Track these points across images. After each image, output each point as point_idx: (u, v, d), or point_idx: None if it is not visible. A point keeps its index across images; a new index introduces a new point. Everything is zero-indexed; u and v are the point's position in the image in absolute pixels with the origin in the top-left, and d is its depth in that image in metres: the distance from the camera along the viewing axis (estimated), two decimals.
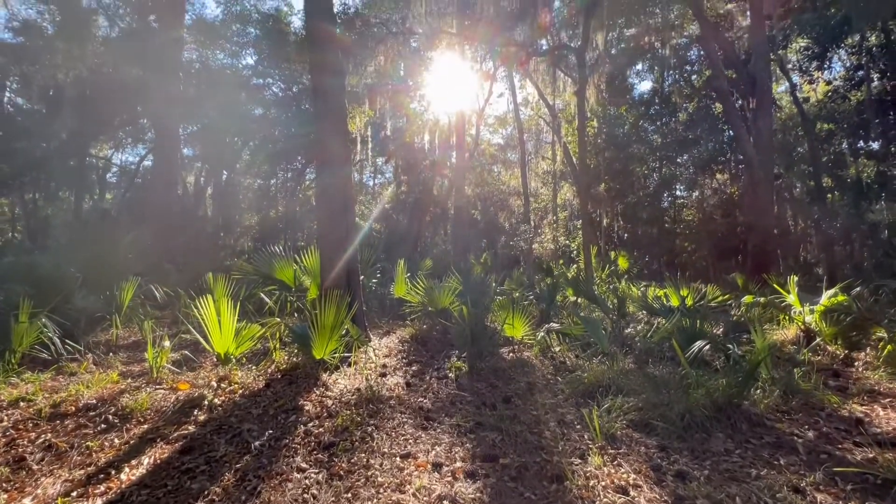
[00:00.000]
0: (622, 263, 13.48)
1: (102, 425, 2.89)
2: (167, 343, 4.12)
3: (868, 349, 4.92)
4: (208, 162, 21.96)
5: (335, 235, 5.40)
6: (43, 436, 2.73)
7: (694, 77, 18.32)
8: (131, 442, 2.70)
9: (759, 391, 3.38)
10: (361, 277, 6.23)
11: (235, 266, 8.23)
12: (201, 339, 3.92)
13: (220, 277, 6.03)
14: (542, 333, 5.22)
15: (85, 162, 18.70)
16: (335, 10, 6.64)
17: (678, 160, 18.54)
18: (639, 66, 19.57)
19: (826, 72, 14.75)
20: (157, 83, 13.46)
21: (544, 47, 16.10)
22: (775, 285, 6.94)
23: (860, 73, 13.70)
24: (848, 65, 14.62)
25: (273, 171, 23.79)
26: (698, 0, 12.59)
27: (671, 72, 18.63)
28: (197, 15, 18.48)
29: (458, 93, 16.33)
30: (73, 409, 3.08)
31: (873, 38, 13.15)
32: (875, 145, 14.01)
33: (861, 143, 14.45)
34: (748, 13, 13.46)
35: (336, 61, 5.89)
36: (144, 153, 22.30)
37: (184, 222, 16.08)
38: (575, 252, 18.51)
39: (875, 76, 13.33)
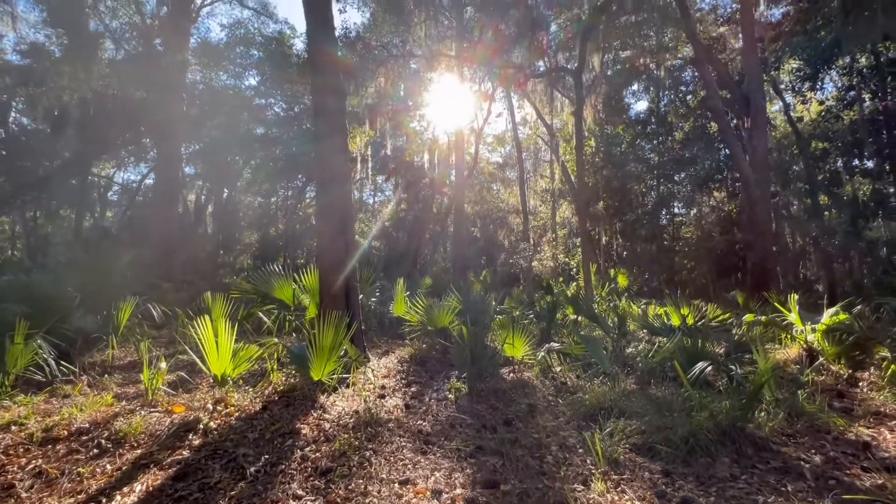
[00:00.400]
0: (622, 281, 13.44)
1: (95, 450, 2.83)
2: (163, 364, 4.08)
3: (872, 369, 4.87)
4: (209, 180, 22.14)
5: (334, 253, 5.40)
6: (33, 462, 2.67)
7: (689, 97, 18.64)
8: (124, 468, 2.63)
9: (763, 413, 3.33)
10: (360, 296, 6.20)
11: (234, 284, 8.21)
12: (198, 361, 3.87)
13: (219, 296, 6.00)
14: (543, 353, 5.17)
15: (87, 180, 18.83)
16: (337, 33, 6.79)
17: (675, 178, 18.71)
18: (635, 87, 19.97)
19: (818, 92, 15.01)
20: (161, 104, 13.68)
21: (542, 69, 16.44)
22: (776, 304, 6.91)
23: (852, 93, 13.95)
24: (840, 85, 14.89)
25: (274, 189, 23.97)
26: (691, 23, 12.90)
27: (666, 92, 18.98)
28: (202, 38, 18.91)
29: (458, 112, 16.60)
30: (66, 433, 3.02)
31: (863, 59, 13.44)
32: (870, 163, 14.17)
33: (856, 162, 14.61)
34: (740, 36, 13.80)
35: (337, 83, 5.99)
36: (146, 172, 22.50)
37: (184, 240, 16.11)
38: (574, 270, 18.51)
39: (866, 96, 13.58)
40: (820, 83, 14.62)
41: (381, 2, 12.88)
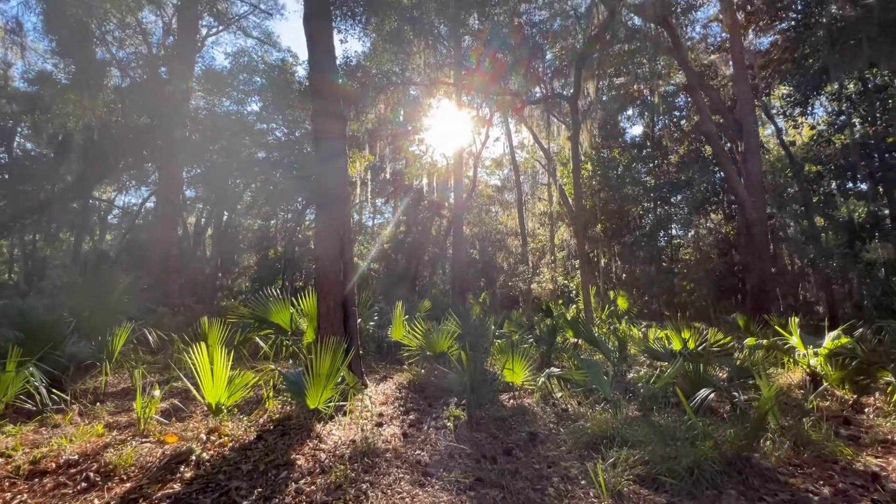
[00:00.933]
0: (621, 303, 13.39)
1: (83, 484, 2.74)
2: (157, 392, 4.00)
3: (877, 393, 4.81)
4: (210, 203, 22.27)
5: (332, 277, 5.38)
6: (19, 496, 2.59)
7: (683, 122, 18.99)
8: (112, 503, 2.55)
9: (769, 442, 3.26)
10: (359, 320, 6.16)
11: (232, 308, 8.15)
12: (192, 389, 3.81)
13: (216, 321, 5.95)
14: (543, 378, 5.10)
15: (88, 204, 18.93)
16: (337, 62, 6.97)
17: (672, 200, 18.86)
18: (629, 112, 20.31)
19: (809, 117, 15.29)
20: (164, 129, 13.90)
21: (538, 95, 16.81)
22: (777, 326, 6.87)
23: (842, 118, 14.22)
24: (830, 110, 15.18)
25: (273, 212, 24.09)
26: (683, 52, 13.28)
27: (661, 117, 19.34)
28: (206, 66, 19.35)
29: (456, 137, 16.90)
30: (54, 465, 2.94)
31: (851, 86, 13.76)
32: (863, 186, 14.32)
33: (850, 184, 14.77)
34: (731, 63, 14.19)
35: (337, 109, 6.11)
36: (147, 195, 22.66)
37: (182, 264, 16.08)
38: (574, 292, 18.44)
39: (857, 121, 13.83)
40: (810, 108, 14.93)
41: (381, 32, 13.25)
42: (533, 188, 30.23)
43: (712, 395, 3.95)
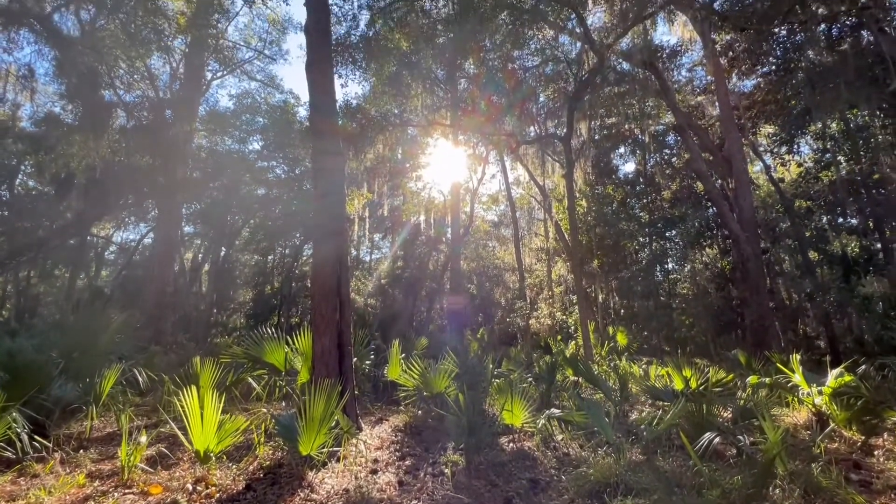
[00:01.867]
0: (621, 339, 13.26)
1: None
2: (143, 438, 3.86)
3: (885, 434, 4.69)
4: (208, 239, 22.33)
5: (329, 315, 5.33)
6: None
7: (674, 159, 19.48)
8: None
9: (778, 490, 3.14)
10: (354, 359, 6.05)
11: (225, 347, 8.00)
12: (180, 435, 3.68)
13: (208, 361, 5.82)
14: (543, 420, 4.96)
15: (85, 241, 18.96)
16: (337, 104, 7.21)
17: (667, 235, 19.03)
18: (622, 150, 20.81)
19: (796, 155, 15.74)
20: (166, 169, 14.14)
21: (532, 135, 17.35)
22: (779, 364, 6.78)
23: (827, 155, 14.64)
24: (815, 148, 15.65)
25: (271, 248, 24.12)
26: (671, 95, 13.84)
27: (652, 155, 19.85)
28: (210, 108, 19.90)
29: (453, 174, 17.28)
30: None
31: (834, 125, 14.26)
32: (854, 221, 14.54)
33: (840, 219, 14.99)
34: (717, 104, 14.75)
35: (337, 149, 6.27)
36: (146, 231, 22.74)
37: (177, 300, 15.93)
38: (572, 328, 18.27)
39: (841, 158, 14.24)
40: (796, 146, 15.38)
41: (380, 76, 13.83)
42: (529, 224, 30.52)
43: (717, 438, 3.84)
